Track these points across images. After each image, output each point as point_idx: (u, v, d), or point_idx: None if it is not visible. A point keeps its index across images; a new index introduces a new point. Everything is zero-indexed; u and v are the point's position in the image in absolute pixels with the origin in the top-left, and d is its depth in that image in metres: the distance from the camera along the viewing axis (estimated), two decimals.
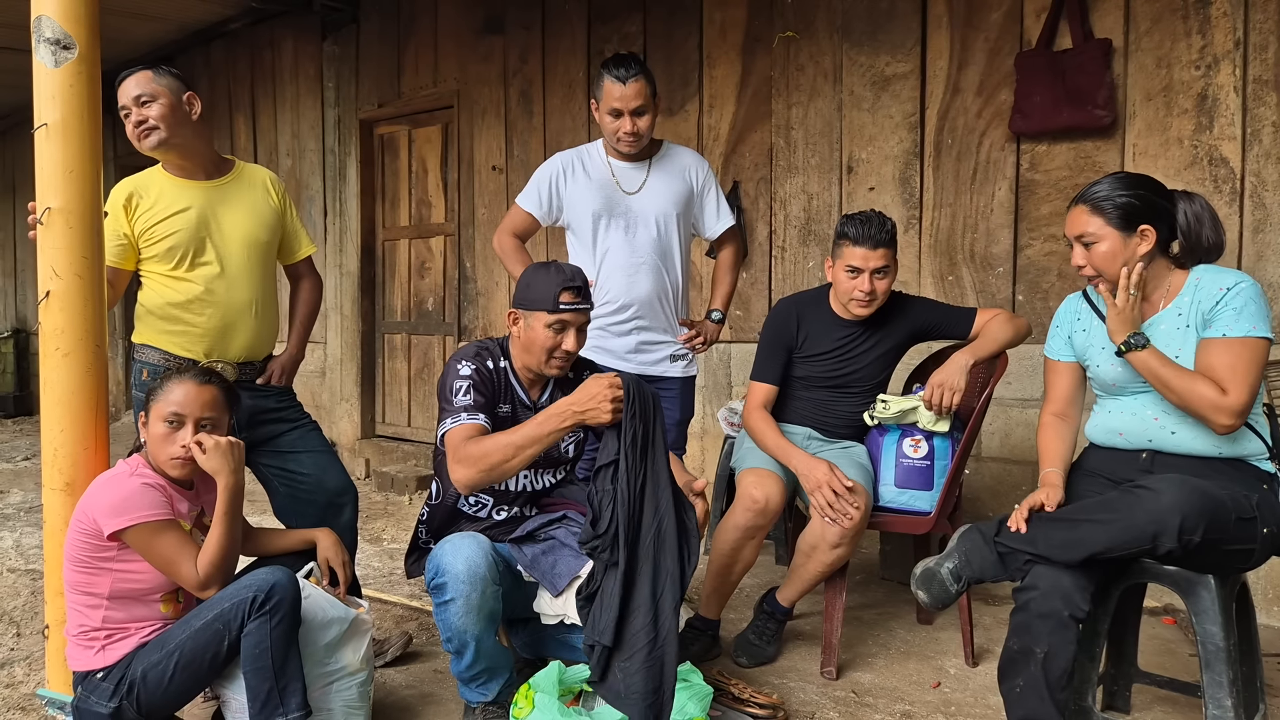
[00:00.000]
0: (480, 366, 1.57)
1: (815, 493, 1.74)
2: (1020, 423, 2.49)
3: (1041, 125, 2.38)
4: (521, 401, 1.62)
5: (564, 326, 1.53)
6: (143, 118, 1.66)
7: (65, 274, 1.47)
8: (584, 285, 1.55)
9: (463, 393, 1.51)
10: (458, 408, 1.50)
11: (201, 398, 1.42)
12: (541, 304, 1.53)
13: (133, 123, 1.66)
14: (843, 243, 1.84)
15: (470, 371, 1.55)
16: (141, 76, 1.67)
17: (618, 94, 1.90)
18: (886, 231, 1.81)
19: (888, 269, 1.83)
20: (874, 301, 1.85)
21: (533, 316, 1.54)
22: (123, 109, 1.67)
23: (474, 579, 1.44)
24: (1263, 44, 2.14)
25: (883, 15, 2.67)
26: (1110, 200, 1.41)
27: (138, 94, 1.65)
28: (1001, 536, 1.38)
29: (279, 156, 4.53)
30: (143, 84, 1.66)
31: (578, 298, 1.53)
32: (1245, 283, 1.37)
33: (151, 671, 1.33)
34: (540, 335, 1.53)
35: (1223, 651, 1.31)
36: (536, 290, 1.54)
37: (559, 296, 1.52)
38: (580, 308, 1.54)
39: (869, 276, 1.82)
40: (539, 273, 1.57)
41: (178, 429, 1.40)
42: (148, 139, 1.67)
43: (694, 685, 1.53)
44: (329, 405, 4.35)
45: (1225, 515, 1.28)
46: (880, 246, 1.80)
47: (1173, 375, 1.35)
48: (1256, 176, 2.18)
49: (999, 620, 2.14)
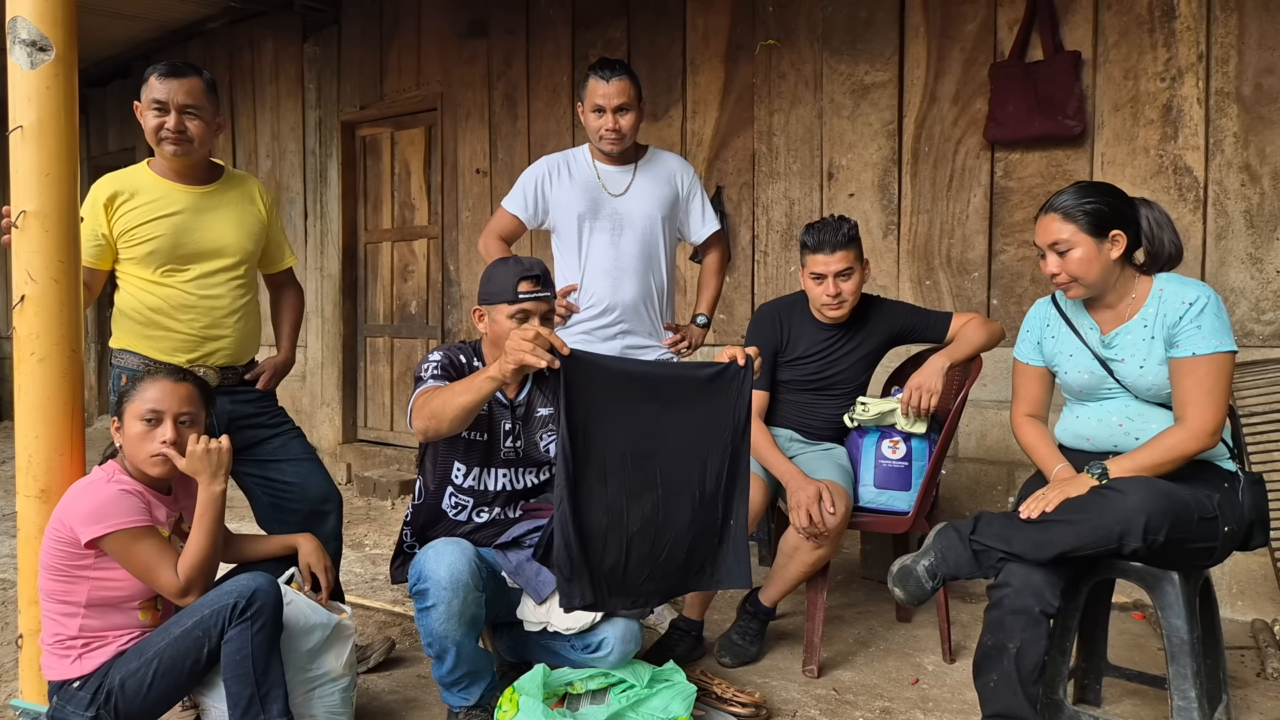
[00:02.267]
0: (452, 358, 1.60)
1: (797, 510, 1.77)
2: (995, 424, 2.55)
3: (1015, 134, 2.44)
4: (497, 400, 1.63)
5: (526, 316, 1.54)
6: (183, 128, 1.63)
7: (41, 278, 1.45)
8: (543, 274, 1.57)
9: (430, 369, 1.56)
10: (425, 380, 1.55)
11: (178, 393, 1.41)
12: (502, 296, 1.55)
13: (168, 127, 1.61)
14: (805, 252, 1.88)
15: (440, 357, 1.59)
16: (195, 86, 1.63)
17: (601, 91, 1.92)
18: (843, 234, 1.85)
19: (851, 270, 1.87)
20: (844, 303, 1.89)
21: (495, 310, 1.56)
22: (157, 104, 1.61)
23: (456, 585, 1.44)
24: (1224, 57, 2.22)
25: (862, 25, 2.72)
26: (1080, 207, 1.45)
27: (187, 103, 1.62)
28: (976, 534, 1.41)
29: (258, 158, 4.48)
30: (195, 95, 1.63)
31: (536, 285, 1.55)
32: (1205, 296, 1.41)
33: (130, 680, 1.32)
34: (505, 327, 1.54)
35: (1187, 644, 1.36)
36: (496, 283, 1.57)
37: (517, 286, 1.54)
38: (540, 295, 1.56)
39: (833, 280, 1.86)
40: (498, 267, 1.59)
41: (155, 426, 1.39)
42: (174, 147, 1.64)
43: (677, 685, 1.55)
44: (310, 409, 4.31)
45: (1188, 515, 1.32)
46: (839, 249, 1.84)
47: (1147, 458, 1.39)
48: (1219, 185, 2.25)
49: (976, 618, 2.18)
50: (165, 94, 1.62)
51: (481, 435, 1.62)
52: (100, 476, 1.39)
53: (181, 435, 1.41)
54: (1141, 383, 1.45)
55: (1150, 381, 1.45)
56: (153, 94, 1.62)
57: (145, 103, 1.64)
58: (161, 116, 1.63)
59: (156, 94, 1.62)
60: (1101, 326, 1.51)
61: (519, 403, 1.65)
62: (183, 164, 1.69)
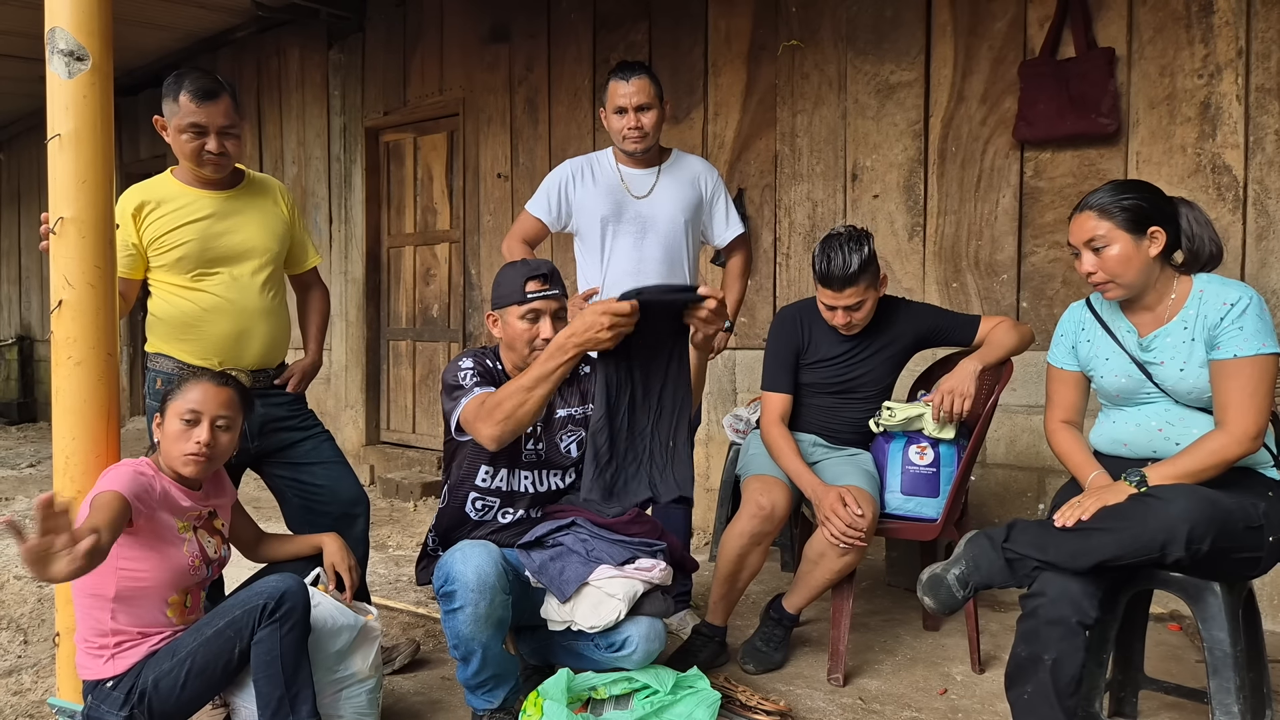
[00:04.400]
0: (479, 362, 1.61)
1: (828, 523, 1.74)
2: (1025, 429, 2.50)
3: (1046, 133, 2.39)
4: None
5: (537, 315, 1.55)
6: (223, 149, 1.66)
7: (78, 283, 1.48)
8: (549, 272, 1.58)
9: (468, 377, 1.56)
10: (467, 387, 1.54)
11: (220, 397, 1.45)
12: (511, 298, 1.56)
13: (209, 150, 1.65)
14: (817, 279, 1.84)
15: (471, 364, 1.60)
16: (228, 106, 1.66)
17: (622, 91, 1.93)
18: (852, 272, 1.78)
19: (862, 303, 1.83)
20: (855, 327, 1.87)
21: (507, 313, 1.58)
22: (195, 127, 1.63)
23: (483, 588, 1.45)
24: (1265, 53, 2.16)
25: (887, 24, 2.69)
26: (1117, 203, 1.41)
27: (227, 124, 1.66)
28: (1010, 543, 1.38)
29: (285, 164, 4.55)
30: (229, 114, 1.66)
31: (544, 284, 1.56)
32: (1248, 297, 1.37)
33: (164, 679, 1.34)
34: (517, 329, 1.56)
35: (1230, 657, 1.31)
36: (505, 286, 1.58)
37: (525, 286, 1.55)
38: (548, 293, 1.56)
39: (842, 311, 1.84)
40: (506, 270, 1.60)
41: (193, 427, 1.42)
42: (213, 167, 1.68)
43: (701, 691, 1.53)
44: (334, 412, 4.36)
45: (1233, 524, 1.28)
46: (847, 287, 1.79)
47: (1187, 464, 1.35)
48: (1259, 184, 2.19)
49: (1006, 627, 2.14)
50: (205, 118, 1.64)
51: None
52: (127, 461, 1.43)
53: (217, 439, 1.44)
54: (1182, 386, 1.41)
55: (1191, 385, 1.40)
56: (189, 118, 1.64)
57: (180, 125, 1.64)
58: (200, 139, 1.65)
59: (194, 118, 1.64)
60: (1139, 329, 1.47)
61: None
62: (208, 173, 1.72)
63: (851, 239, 1.80)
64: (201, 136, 1.65)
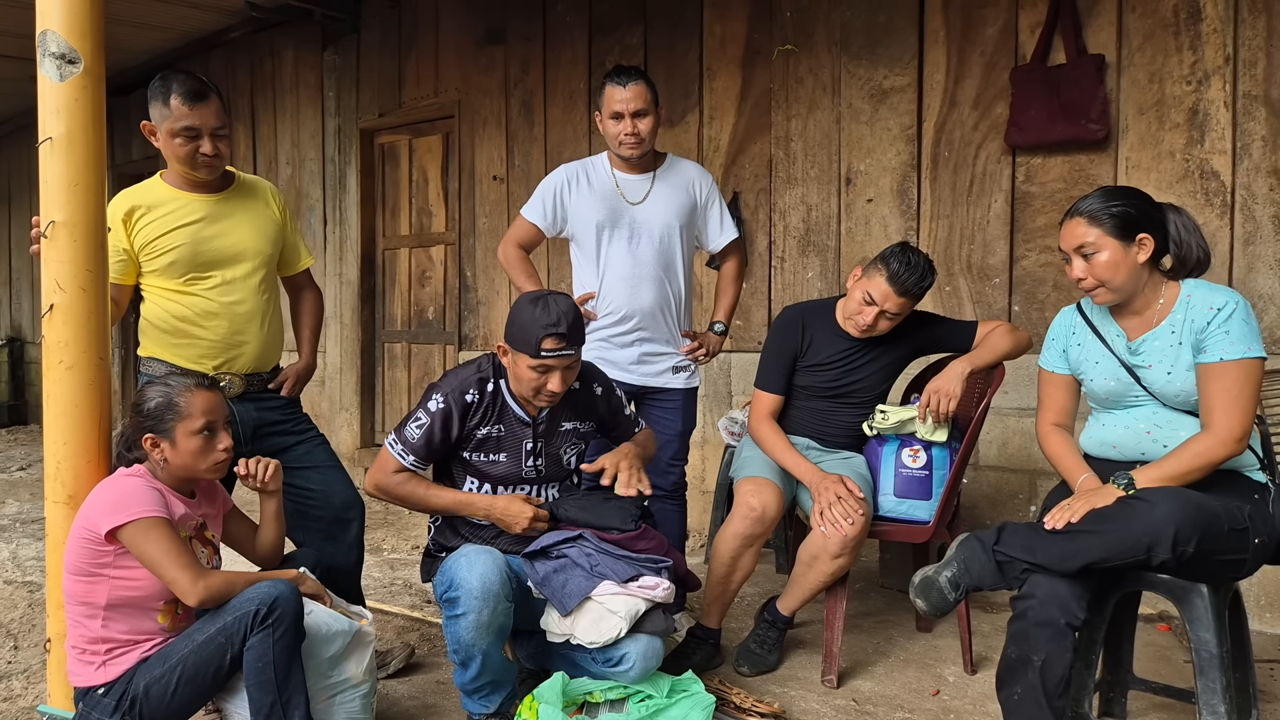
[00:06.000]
0: (455, 402, 1.58)
1: (821, 497, 1.76)
2: (1018, 431, 2.52)
3: (1037, 138, 2.41)
4: (518, 418, 1.63)
5: (547, 370, 1.53)
6: (216, 151, 1.66)
7: (69, 287, 1.47)
8: (570, 327, 1.51)
9: (418, 425, 1.59)
10: (405, 437, 1.60)
11: (218, 399, 1.47)
12: (524, 347, 1.52)
13: (204, 152, 1.64)
14: (880, 271, 1.82)
15: (436, 409, 1.59)
16: (218, 107, 1.65)
17: (618, 97, 1.93)
18: (921, 287, 1.81)
19: (899, 315, 1.85)
20: (870, 333, 1.88)
21: (518, 355, 1.55)
22: (189, 129, 1.63)
23: (487, 595, 1.45)
24: (1252, 60, 2.18)
25: (881, 29, 2.71)
26: (1106, 210, 1.43)
27: (219, 125, 1.65)
28: (1000, 545, 1.39)
29: (279, 165, 4.54)
30: (220, 115, 1.66)
31: (561, 343, 1.51)
32: (1234, 301, 1.39)
33: (154, 686, 1.33)
34: (526, 374, 1.54)
35: (1216, 658, 1.33)
36: (522, 332, 1.53)
37: (541, 343, 1.50)
38: (563, 354, 1.52)
39: (879, 313, 1.83)
40: (526, 311, 1.53)
41: (213, 436, 1.44)
42: (207, 170, 1.68)
43: (696, 695, 1.54)
44: (329, 414, 4.35)
45: (1218, 526, 1.30)
46: (905, 295, 1.81)
47: (1174, 467, 1.37)
48: (1247, 190, 2.21)
49: (997, 628, 2.15)
50: (198, 120, 1.63)
51: (502, 456, 1.63)
52: (124, 472, 1.42)
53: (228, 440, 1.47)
54: (1169, 389, 1.43)
55: (1178, 388, 1.42)
56: (182, 121, 1.63)
57: (172, 129, 1.64)
58: (194, 142, 1.65)
59: (187, 121, 1.63)
60: (1128, 333, 1.49)
61: (541, 420, 1.65)
62: (200, 175, 1.71)
63: (930, 265, 1.83)
64: (195, 139, 1.64)
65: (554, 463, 1.67)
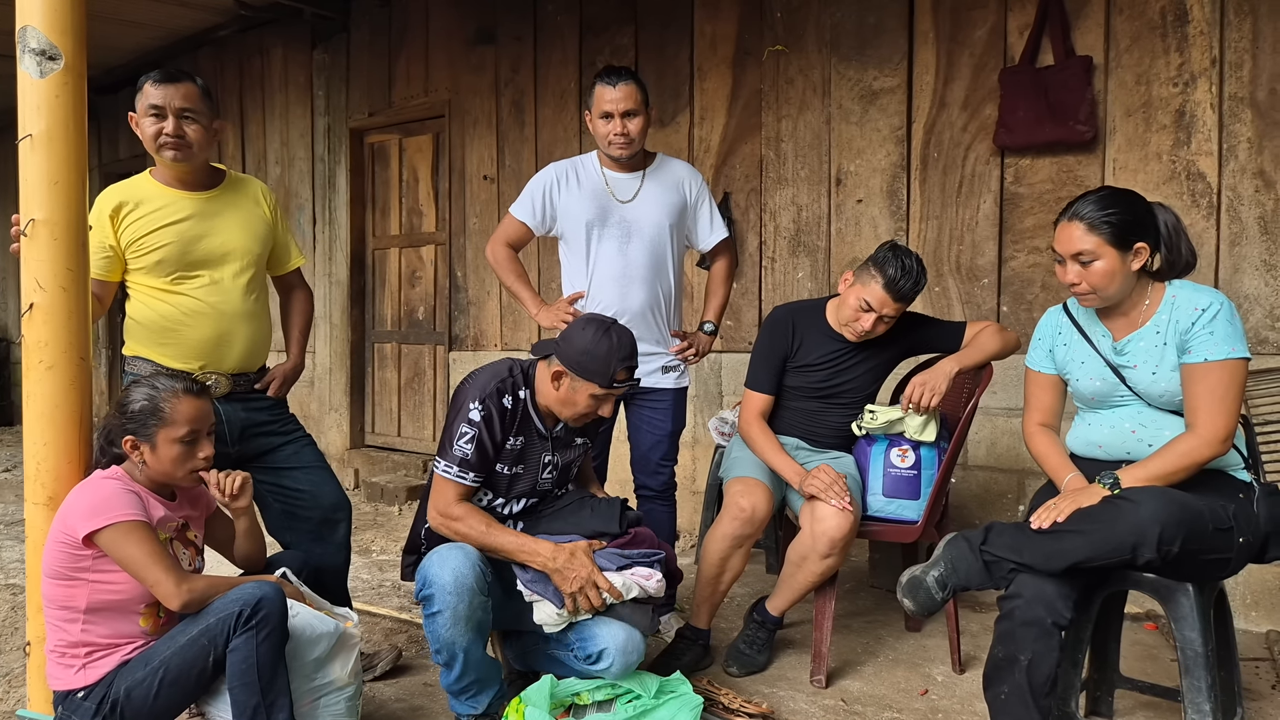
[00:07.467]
0: (494, 407, 1.55)
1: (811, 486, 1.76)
2: (1006, 431, 2.52)
3: (1025, 140, 2.42)
4: (538, 431, 1.63)
5: (609, 398, 1.55)
6: (181, 132, 1.63)
7: (49, 286, 1.45)
8: (636, 357, 1.57)
9: (466, 440, 1.53)
10: (455, 456, 1.53)
11: (205, 408, 1.45)
12: (595, 376, 1.51)
13: (166, 131, 1.62)
14: (875, 278, 1.82)
15: (479, 417, 1.53)
16: (190, 91, 1.63)
17: (608, 97, 1.92)
18: (916, 291, 1.82)
19: (894, 319, 1.85)
20: (867, 336, 1.88)
21: (580, 383, 1.52)
22: (153, 109, 1.61)
23: (460, 589, 1.45)
24: (1238, 62, 2.20)
25: (870, 31, 2.71)
26: (1105, 219, 1.41)
27: (184, 107, 1.62)
28: (987, 545, 1.40)
29: (268, 164, 4.51)
30: (191, 99, 1.63)
31: (630, 375, 1.56)
32: (1219, 302, 1.40)
33: (136, 689, 1.31)
34: (584, 401, 1.54)
35: (1201, 657, 1.34)
36: (592, 361, 1.50)
37: (615, 375, 1.52)
38: (632, 382, 1.56)
39: (875, 319, 1.83)
40: (597, 340, 1.51)
41: (194, 445, 1.42)
42: (173, 153, 1.64)
43: (684, 695, 1.54)
44: (318, 415, 4.32)
45: (1203, 525, 1.30)
46: (900, 300, 1.81)
47: (1159, 467, 1.37)
48: (1233, 191, 2.23)
49: (986, 627, 2.16)
50: (162, 99, 1.61)
51: (521, 468, 1.62)
52: (102, 475, 1.40)
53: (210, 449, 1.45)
54: (1154, 389, 1.44)
55: (1163, 388, 1.43)
56: (149, 100, 1.62)
57: (142, 110, 1.64)
58: (159, 122, 1.62)
59: (153, 99, 1.62)
60: (1114, 334, 1.49)
61: (557, 433, 1.65)
62: (184, 171, 1.69)
63: (923, 267, 1.82)
64: (161, 120, 1.62)
65: (564, 475, 1.67)
